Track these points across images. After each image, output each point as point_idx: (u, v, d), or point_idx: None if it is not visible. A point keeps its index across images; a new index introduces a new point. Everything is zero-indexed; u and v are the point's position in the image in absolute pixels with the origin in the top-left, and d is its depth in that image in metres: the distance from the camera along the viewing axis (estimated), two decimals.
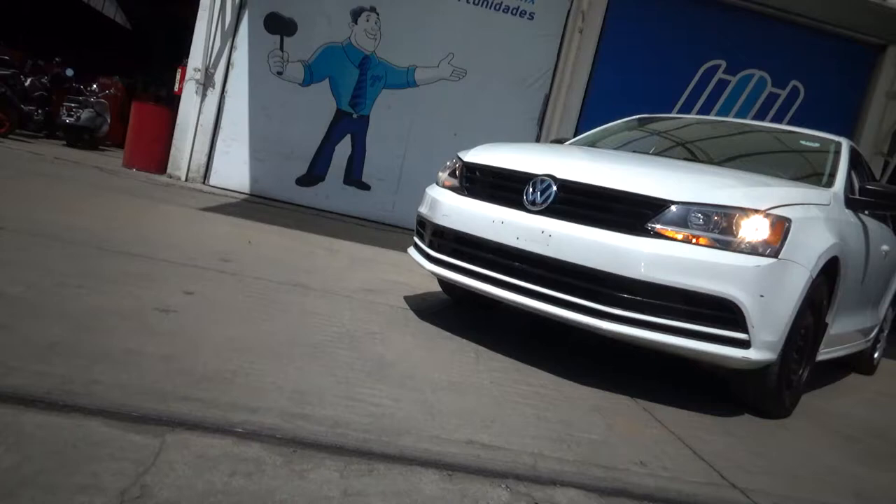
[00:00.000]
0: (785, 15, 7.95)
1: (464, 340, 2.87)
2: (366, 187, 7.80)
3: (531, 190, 2.67)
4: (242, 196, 7.37)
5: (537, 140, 7.76)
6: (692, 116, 4.50)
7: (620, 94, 7.67)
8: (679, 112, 7.84)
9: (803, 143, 3.75)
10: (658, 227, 2.44)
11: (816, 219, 2.71)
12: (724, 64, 8.05)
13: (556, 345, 3.29)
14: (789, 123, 8.04)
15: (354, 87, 7.76)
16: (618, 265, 2.41)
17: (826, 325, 3.04)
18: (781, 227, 2.46)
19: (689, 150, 4.01)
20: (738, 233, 2.42)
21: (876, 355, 4.59)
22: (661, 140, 4.19)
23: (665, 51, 7.95)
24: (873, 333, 4.26)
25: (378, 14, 7.66)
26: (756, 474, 2.04)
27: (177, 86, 7.84)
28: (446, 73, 7.81)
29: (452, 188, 3.05)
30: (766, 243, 2.42)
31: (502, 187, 2.82)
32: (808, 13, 7.91)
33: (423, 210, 3.15)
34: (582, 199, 2.59)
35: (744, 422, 2.61)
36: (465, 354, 2.66)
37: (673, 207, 2.45)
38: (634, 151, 3.86)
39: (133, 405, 1.60)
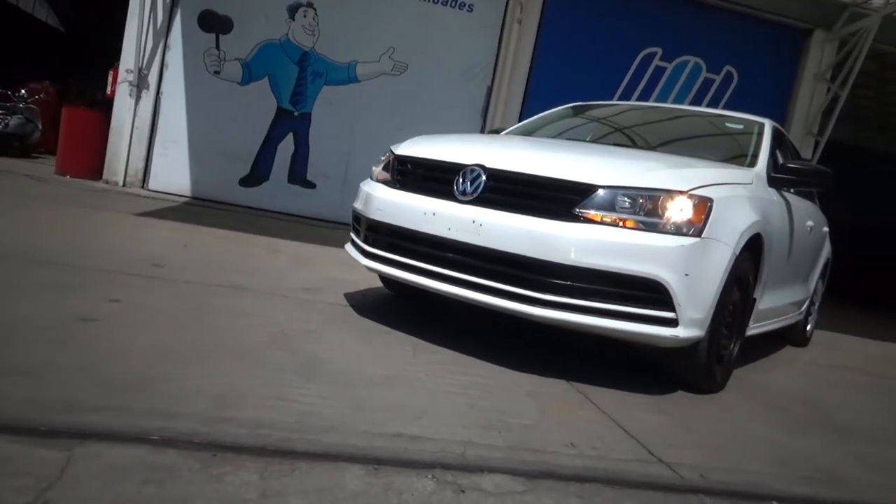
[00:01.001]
0: (717, 2, 8.16)
1: (402, 334, 2.86)
2: (311, 185, 7.70)
3: (461, 180, 2.68)
4: (183, 199, 7.18)
5: (481, 132, 7.78)
6: (625, 103, 4.58)
7: (561, 84, 7.75)
8: (619, 99, 7.98)
9: (729, 125, 3.86)
10: (585, 211, 2.48)
11: (739, 197, 2.79)
12: (660, 51, 8.22)
13: (497, 335, 3.31)
14: (725, 107, 8.28)
15: (295, 84, 7.64)
16: (547, 251, 2.43)
17: (754, 300, 3.14)
18: (704, 206, 2.52)
19: (623, 136, 4.08)
20: (662, 214, 2.47)
21: (809, 327, 4.77)
22: (595, 127, 4.26)
23: (604, 39, 8.07)
24: (804, 306, 4.42)
25: (315, 9, 7.56)
26: (683, 448, 2.10)
27: (108, 88, 7.58)
28: (388, 68, 7.76)
29: (385, 182, 3.03)
30: (689, 223, 2.48)
31: (433, 179, 2.81)
32: (739, 0, 8.15)
33: (358, 205, 3.12)
34: (511, 188, 2.60)
35: (677, 399, 2.67)
36: (402, 348, 2.65)
37: (599, 192, 2.49)
38: (570, 139, 3.91)
39: (42, 419, 1.54)
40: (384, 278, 3.50)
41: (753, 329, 3.30)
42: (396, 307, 3.45)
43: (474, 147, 2.91)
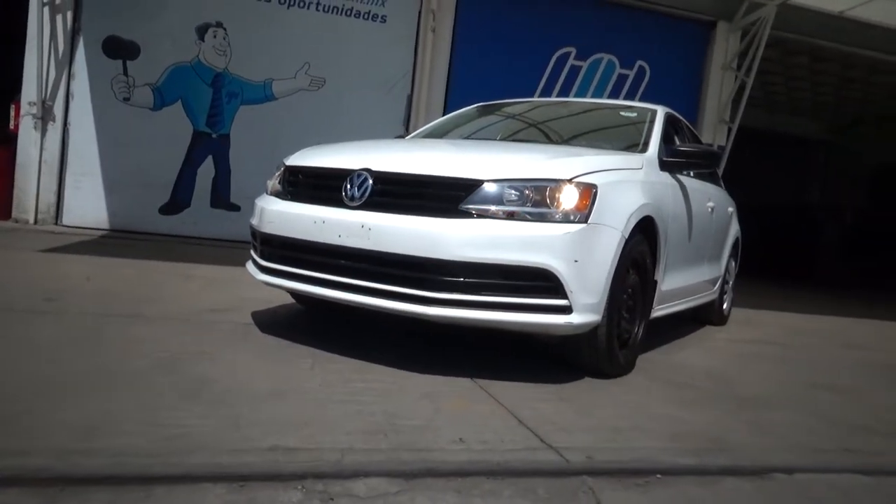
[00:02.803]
0: (625, 0, 8.41)
1: (304, 348, 2.79)
2: (236, 208, 7.53)
3: (349, 186, 2.64)
4: (101, 232, 6.93)
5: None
6: (531, 100, 4.64)
7: (481, 88, 7.79)
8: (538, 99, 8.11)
9: (623, 114, 3.94)
10: (472, 206, 2.48)
11: (626, 182, 2.85)
12: (574, 50, 8.41)
13: (406, 339, 3.27)
14: (640, 100, 8.52)
15: (210, 106, 7.49)
16: (436, 249, 2.42)
17: (656, 282, 3.20)
18: (588, 193, 2.55)
19: (528, 133, 4.13)
20: (547, 203, 2.50)
21: (725, 306, 4.91)
22: (502, 125, 4.29)
23: (518, 42, 8.20)
24: (717, 285, 4.55)
25: (225, 29, 7.43)
26: (576, 432, 2.10)
27: (11, 122, 7.26)
28: (305, 84, 7.68)
29: (277, 194, 2.98)
30: (575, 210, 2.50)
31: (322, 187, 2.77)
32: None
33: (253, 220, 3.06)
34: (398, 189, 2.59)
35: (581, 385, 2.69)
36: (300, 361, 2.59)
37: (484, 186, 2.49)
38: (477, 139, 3.94)
39: None
40: (295, 294, 3.43)
41: (660, 311, 3.37)
42: (303, 321, 3.38)
43: (362, 152, 2.88)
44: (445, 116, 4.38)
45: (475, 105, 4.50)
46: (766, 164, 15.20)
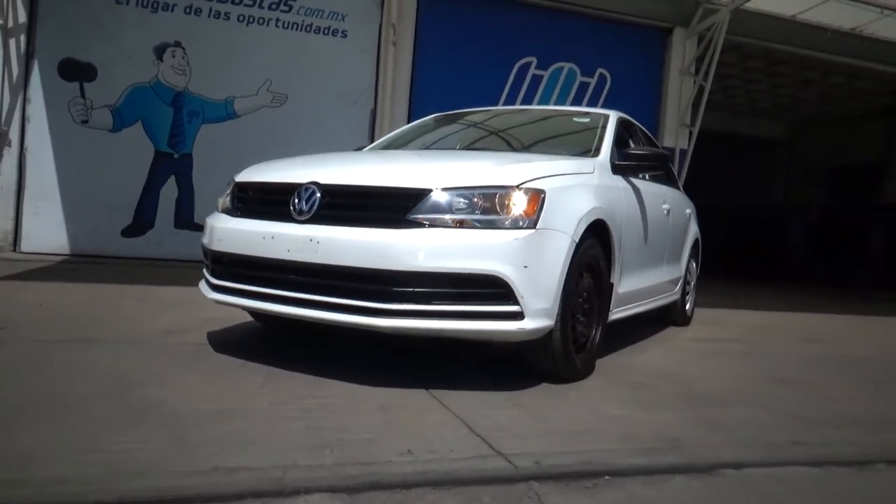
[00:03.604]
0: (583, 9, 8.53)
1: (258, 366, 2.75)
2: (200, 228, 7.39)
3: (297, 200, 2.62)
4: (61, 258, 6.79)
5: None
6: (488, 109, 4.66)
7: (443, 100, 7.78)
8: None
9: (577, 120, 3.99)
10: (421, 216, 2.47)
11: (575, 187, 2.87)
12: (535, 60, 8.50)
13: (366, 351, 3.25)
14: (603, 107, 8.63)
15: (171, 126, 7.42)
16: (385, 260, 2.40)
17: (612, 285, 3.22)
18: (536, 198, 2.56)
19: (486, 141, 4.14)
20: (496, 210, 2.50)
21: (688, 306, 4.97)
22: (459, 135, 4.31)
23: (480, 53, 8.26)
24: (678, 286, 4.60)
25: (184, 48, 7.38)
26: (528, 438, 2.09)
27: None
28: (267, 100, 7.65)
29: (226, 211, 2.96)
30: (523, 216, 2.51)
31: (271, 202, 2.75)
32: (602, 6, 8.55)
33: (204, 239, 3.02)
34: (345, 201, 2.57)
35: (537, 391, 2.68)
36: (252, 380, 2.55)
37: (432, 195, 2.49)
38: (435, 149, 3.95)
39: None
40: (252, 311, 3.38)
41: (618, 313, 3.39)
42: (260, 339, 3.34)
43: (311, 166, 2.87)
44: (402, 128, 4.39)
45: (431, 116, 4.51)
46: (731, 166, 15.48)
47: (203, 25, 7.40)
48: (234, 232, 2.77)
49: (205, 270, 3.08)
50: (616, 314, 3.35)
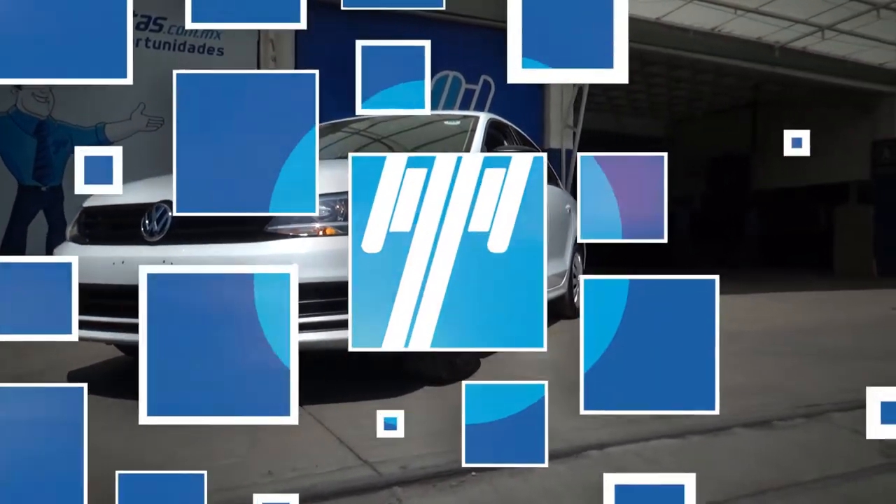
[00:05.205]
0: (465, 19, 8.69)
1: (115, 401, 2.57)
2: None
3: (147, 220, 2.49)
4: None
5: None
6: (370, 117, 4.62)
7: (328, 113, 7.77)
8: None
9: (448, 123, 4.03)
10: (280, 227, 2.40)
11: None
12: None
13: None
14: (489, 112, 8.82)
15: (35, 157, 6.90)
16: None
17: None
18: None
19: (367, 148, 4.11)
20: None
21: (576, 299, 5.12)
22: (339, 145, 4.25)
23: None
24: (563, 280, 4.73)
25: None
26: (399, 444, 2.05)
27: None
28: (142, 125, 7.28)
29: (74, 239, 2.77)
30: None
31: (121, 225, 2.61)
32: (482, 14, 8.74)
33: None
34: (200, 218, 2.44)
35: (418, 395, 2.66)
36: (105, 416, 2.37)
37: None
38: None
39: None
40: (114, 344, 3.17)
41: None
42: (126, 373, 3.13)
43: (163, 185, 2.73)
44: None
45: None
46: None
47: None
48: (82, 261, 2.56)
49: None
50: None
